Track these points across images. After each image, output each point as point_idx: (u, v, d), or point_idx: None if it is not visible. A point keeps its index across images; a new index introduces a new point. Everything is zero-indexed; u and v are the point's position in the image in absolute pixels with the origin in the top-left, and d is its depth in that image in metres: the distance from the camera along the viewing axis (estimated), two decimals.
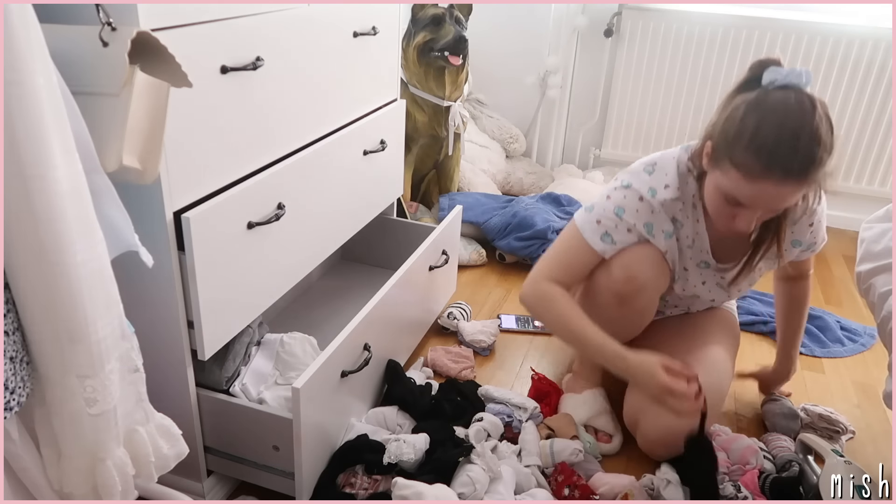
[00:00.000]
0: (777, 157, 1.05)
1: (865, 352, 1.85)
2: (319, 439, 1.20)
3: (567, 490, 1.26)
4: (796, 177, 1.06)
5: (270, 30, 1.13)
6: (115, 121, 0.78)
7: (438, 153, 2.36)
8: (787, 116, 1.06)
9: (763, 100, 1.10)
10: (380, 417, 1.37)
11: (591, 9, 2.68)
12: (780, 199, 1.11)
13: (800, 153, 1.05)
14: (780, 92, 1.09)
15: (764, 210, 1.14)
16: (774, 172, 1.06)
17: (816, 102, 1.07)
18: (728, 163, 1.11)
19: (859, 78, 2.43)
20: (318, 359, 1.16)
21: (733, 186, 1.12)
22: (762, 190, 1.09)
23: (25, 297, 0.73)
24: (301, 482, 1.17)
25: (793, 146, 1.05)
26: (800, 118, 1.06)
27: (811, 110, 1.06)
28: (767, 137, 1.06)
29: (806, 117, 1.06)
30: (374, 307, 1.34)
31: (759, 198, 1.11)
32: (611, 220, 1.30)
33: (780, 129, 1.06)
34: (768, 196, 1.10)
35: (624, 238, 1.31)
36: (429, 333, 1.80)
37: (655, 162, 1.30)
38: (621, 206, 1.29)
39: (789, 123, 1.06)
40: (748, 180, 1.09)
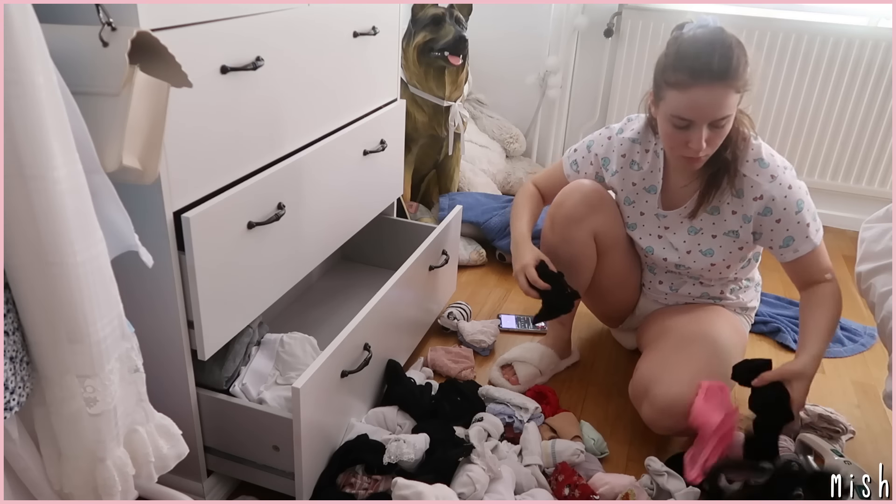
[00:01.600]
0: (699, 63, 1.21)
1: (865, 352, 1.85)
2: (319, 439, 1.20)
3: (567, 490, 1.26)
4: (720, 77, 1.20)
5: (270, 30, 1.13)
6: (115, 121, 0.78)
7: (438, 153, 2.36)
8: (700, 35, 1.25)
9: (679, 35, 1.28)
10: (380, 417, 1.37)
11: (591, 9, 2.68)
12: (716, 103, 1.22)
13: (716, 55, 1.20)
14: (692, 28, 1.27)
15: (706, 120, 1.23)
16: (702, 76, 1.20)
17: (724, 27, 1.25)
18: (664, 89, 1.26)
19: (859, 78, 2.43)
20: (318, 359, 1.16)
21: (674, 105, 1.25)
22: (697, 97, 1.22)
23: (25, 297, 0.73)
24: (301, 482, 1.17)
25: (710, 52, 1.21)
26: (711, 34, 1.24)
27: (720, 30, 1.24)
28: (688, 52, 1.23)
29: (716, 33, 1.24)
30: (374, 307, 1.34)
31: (697, 106, 1.23)
32: (582, 149, 1.56)
33: (696, 44, 1.24)
34: (705, 102, 1.22)
35: (586, 169, 1.55)
36: (429, 333, 1.80)
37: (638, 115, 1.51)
38: (592, 140, 1.55)
39: (703, 38, 1.24)
40: (683, 92, 1.23)
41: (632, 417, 1.50)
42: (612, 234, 1.51)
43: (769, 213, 1.35)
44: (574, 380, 1.65)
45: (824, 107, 2.51)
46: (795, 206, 1.34)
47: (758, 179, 1.34)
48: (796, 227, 1.35)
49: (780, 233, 1.36)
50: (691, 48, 1.23)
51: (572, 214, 1.48)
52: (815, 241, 1.37)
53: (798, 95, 2.52)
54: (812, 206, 1.37)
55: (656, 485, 1.29)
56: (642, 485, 1.29)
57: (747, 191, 1.35)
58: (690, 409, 1.30)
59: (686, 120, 1.25)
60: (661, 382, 1.36)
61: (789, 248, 1.38)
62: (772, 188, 1.33)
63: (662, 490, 1.27)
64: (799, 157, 2.61)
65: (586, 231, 1.49)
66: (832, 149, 2.56)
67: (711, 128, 1.25)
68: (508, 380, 1.60)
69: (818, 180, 2.63)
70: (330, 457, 1.25)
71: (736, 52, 1.21)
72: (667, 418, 1.35)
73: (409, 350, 1.65)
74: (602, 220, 1.49)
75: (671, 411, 1.33)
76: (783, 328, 1.89)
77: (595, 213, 1.48)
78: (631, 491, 1.27)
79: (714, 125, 1.25)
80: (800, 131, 2.57)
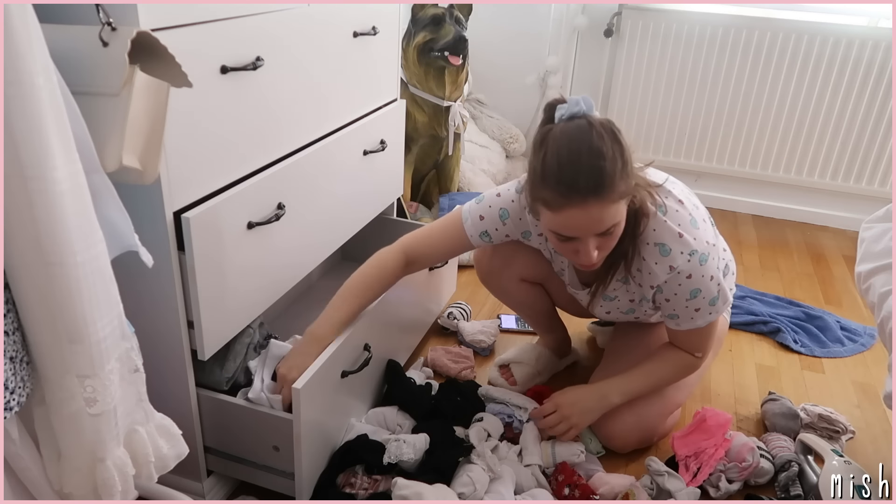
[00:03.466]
0: (566, 181, 1.07)
1: (865, 352, 1.85)
2: (319, 439, 1.20)
3: (567, 490, 1.26)
4: (592, 193, 1.07)
5: (270, 30, 1.13)
6: (115, 121, 0.78)
7: (438, 153, 2.36)
8: (565, 143, 1.09)
9: (546, 136, 1.12)
10: (380, 417, 1.37)
11: (591, 9, 2.68)
12: (593, 219, 1.10)
13: (583, 171, 1.07)
14: (562, 124, 1.11)
15: (589, 234, 1.12)
16: (571, 197, 1.08)
17: (594, 121, 1.09)
18: (538, 205, 1.14)
19: (859, 78, 2.43)
20: (318, 359, 1.16)
21: (551, 223, 1.13)
22: (572, 217, 1.10)
23: (25, 297, 0.73)
24: (301, 482, 1.17)
25: (575, 167, 1.07)
26: (577, 140, 1.08)
27: (588, 130, 1.08)
28: (553, 167, 1.08)
29: (583, 137, 1.08)
30: (375, 307, 1.34)
31: (574, 225, 1.11)
32: (493, 220, 1.35)
33: (560, 156, 1.08)
34: (581, 220, 1.10)
35: (502, 238, 1.39)
36: (429, 333, 1.80)
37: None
38: (506, 209, 1.34)
39: (569, 147, 1.08)
40: (556, 213, 1.11)
41: None
42: (540, 270, 1.49)
43: (661, 293, 1.27)
44: (574, 379, 1.64)
45: (824, 107, 2.51)
46: (688, 294, 1.23)
47: (656, 269, 1.22)
48: (684, 310, 1.27)
49: (667, 308, 1.29)
50: (555, 163, 1.08)
51: (491, 270, 1.51)
52: (698, 323, 1.28)
53: (798, 95, 2.52)
54: (712, 291, 1.23)
55: (656, 485, 1.29)
56: (642, 485, 1.29)
57: (645, 277, 1.26)
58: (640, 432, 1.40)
59: (565, 236, 1.14)
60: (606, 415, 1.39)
61: (672, 321, 1.31)
62: (669, 278, 1.22)
63: (662, 490, 1.28)
64: (799, 156, 2.61)
65: (512, 279, 1.50)
66: (832, 149, 2.56)
67: (600, 237, 1.14)
68: (507, 379, 1.61)
69: (818, 180, 2.63)
70: (330, 457, 1.25)
71: (605, 157, 1.06)
72: (616, 443, 1.42)
73: (409, 350, 1.65)
74: (524, 265, 1.47)
75: (617, 437, 1.41)
76: (783, 328, 1.89)
77: (515, 262, 1.47)
78: (631, 491, 1.27)
79: (602, 234, 1.13)
80: (800, 131, 2.57)
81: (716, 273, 1.23)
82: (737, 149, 2.67)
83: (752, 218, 2.74)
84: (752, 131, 2.63)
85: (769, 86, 2.54)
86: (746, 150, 2.66)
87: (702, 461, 1.31)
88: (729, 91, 2.59)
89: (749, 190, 2.75)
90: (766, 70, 2.52)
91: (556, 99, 1.12)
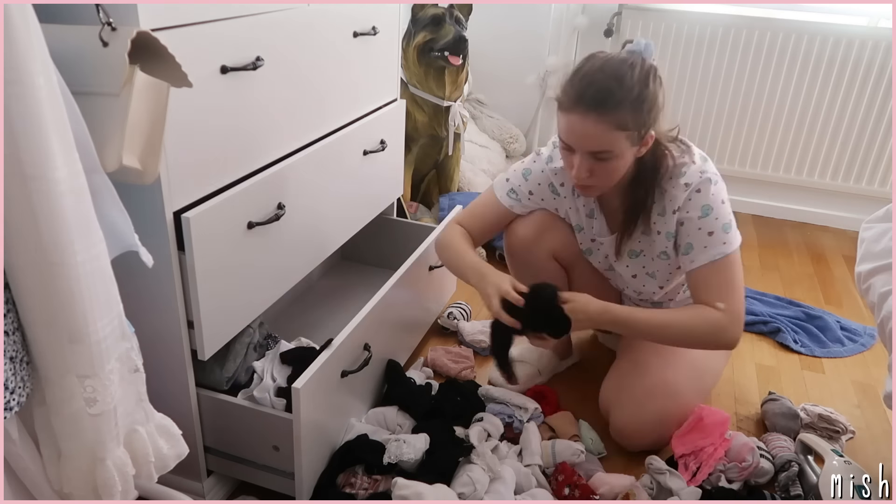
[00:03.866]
0: (578, 88, 1.16)
1: (865, 352, 1.85)
2: (319, 439, 1.20)
3: (567, 490, 1.26)
4: (593, 107, 1.13)
5: (270, 30, 1.13)
6: (115, 121, 0.78)
7: (438, 153, 2.36)
8: (601, 61, 1.18)
9: (595, 55, 1.20)
10: (380, 417, 1.37)
11: (591, 9, 2.68)
12: (588, 133, 1.16)
13: (595, 86, 1.14)
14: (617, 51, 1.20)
15: (583, 148, 1.18)
16: (577, 103, 1.15)
17: (637, 59, 1.17)
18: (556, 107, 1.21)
19: (859, 78, 2.43)
20: (318, 359, 1.16)
21: (559, 125, 1.20)
22: (571, 122, 1.17)
23: (25, 297, 0.73)
24: (301, 482, 1.17)
25: (591, 81, 1.15)
26: (609, 63, 1.17)
27: (626, 61, 1.17)
28: (579, 73, 1.18)
29: (617, 63, 1.16)
30: (374, 307, 1.34)
31: (571, 131, 1.18)
32: (517, 178, 1.44)
33: (589, 68, 1.17)
34: (578, 130, 1.16)
35: (526, 196, 1.44)
36: (429, 333, 1.80)
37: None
38: (529, 169, 1.43)
39: (597, 65, 1.17)
40: (563, 114, 1.18)
41: None
42: (571, 251, 1.49)
43: (682, 224, 1.28)
44: (574, 380, 1.65)
45: (824, 107, 2.51)
46: (700, 210, 1.25)
47: (675, 192, 1.26)
48: (696, 233, 1.26)
49: (683, 237, 1.29)
50: (582, 72, 1.17)
51: (525, 238, 1.46)
52: (712, 253, 1.26)
53: (798, 95, 2.52)
54: (725, 216, 1.25)
55: (657, 484, 1.29)
56: (642, 484, 1.29)
57: (668, 205, 1.28)
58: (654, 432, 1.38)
59: (567, 144, 1.20)
60: (616, 406, 1.40)
61: (687, 257, 1.29)
62: (685, 196, 1.25)
63: (663, 488, 1.28)
64: (799, 156, 2.61)
65: (544, 252, 1.47)
66: (832, 149, 2.56)
67: (594, 159, 1.18)
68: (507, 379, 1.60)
69: (818, 180, 2.63)
70: (330, 457, 1.25)
71: (622, 87, 1.13)
72: (627, 440, 1.41)
73: (409, 350, 1.65)
74: (557, 239, 1.46)
75: (629, 434, 1.40)
76: (783, 328, 1.89)
77: (548, 234, 1.45)
78: (631, 491, 1.27)
79: (596, 157, 1.18)
80: (800, 131, 2.57)
81: (726, 200, 1.26)
82: (737, 149, 2.67)
83: (752, 218, 2.74)
84: (752, 131, 2.63)
85: (769, 86, 2.54)
86: (746, 150, 2.66)
87: (701, 460, 1.31)
88: (729, 91, 2.59)
89: (749, 190, 2.75)
90: (766, 70, 2.52)
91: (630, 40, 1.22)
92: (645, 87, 1.15)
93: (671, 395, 1.38)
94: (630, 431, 1.39)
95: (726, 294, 1.27)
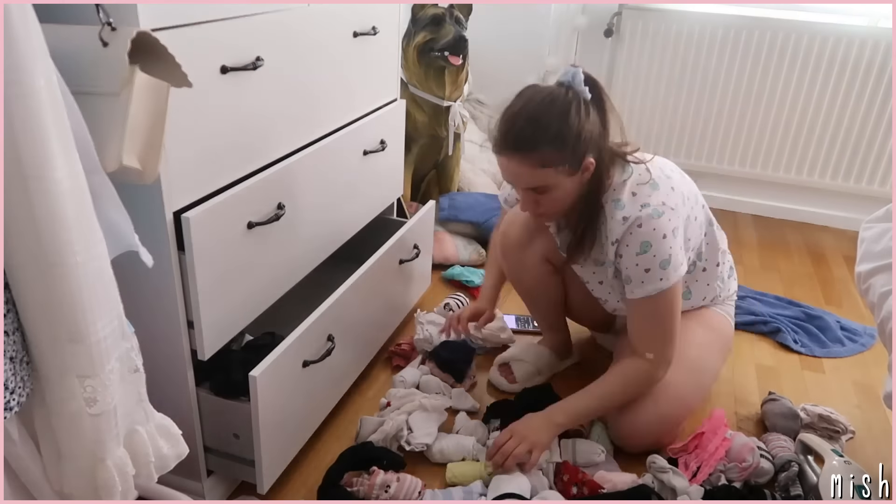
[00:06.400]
0: (500, 132, 1.20)
1: (865, 352, 1.85)
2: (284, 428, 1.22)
3: (575, 489, 1.26)
4: (513, 150, 1.19)
5: (270, 30, 1.13)
6: (115, 121, 0.78)
7: (438, 153, 2.36)
8: (523, 101, 1.20)
9: (523, 92, 1.23)
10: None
11: (591, 9, 2.68)
12: (518, 173, 1.21)
13: (514, 130, 1.18)
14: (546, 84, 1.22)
15: (519, 186, 1.24)
16: (503, 148, 1.20)
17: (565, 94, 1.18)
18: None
19: (859, 78, 2.43)
20: (277, 348, 1.17)
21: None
22: (501, 164, 1.23)
23: (25, 297, 0.73)
24: (261, 470, 1.18)
25: (511, 124, 1.18)
26: (530, 103, 1.19)
27: (548, 98, 1.18)
28: (503, 115, 1.21)
29: (535, 103, 1.18)
30: (338, 298, 1.34)
31: (504, 171, 1.24)
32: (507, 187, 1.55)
33: (509, 112, 1.20)
34: (509, 170, 1.22)
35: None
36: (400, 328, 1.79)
37: None
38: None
39: (518, 107, 1.20)
40: (496, 155, 1.24)
41: None
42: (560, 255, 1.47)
43: (619, 256, 1.28)
44: (574, 380, 1.64)
45: (824, 107, 2.51)
46: (639, 246, 1.24)
47: (612, 223, 1.26)
48: (634, 268, 1.26)
49: (622, 268, 1.28)
50: (507, 115, 1.20)
51: (518, 242, 1.50)
52: (648, 289, 1.26)
53: (798, 95, 2.52)
54: (664, 252, 1.23)
55: (659, 482, 1.29)
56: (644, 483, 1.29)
57: (609, 235, 1.28)
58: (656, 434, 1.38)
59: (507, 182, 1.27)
60: (625, 410, 1.38)
61: (627, 287, 1.30)
62: (623, 230, 1.24)
63: (666, 486, 1.28)
64: (799, 156, 2.62)
65: (536, 255, 1.49)
66: (832, 149, 2.56)
67: (535, 193, 1.23)
68: (506, 378, 1.61)
69: (818, 180, 2.63)
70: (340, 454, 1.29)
71: (541, 128, 1.15)
72: (630, 442, 1.40)
73: (378, 344, 1.65)
74: (548, 242, 1.47)
75: (631, 436, 1.39)
76: (783, 328, 1.89)
77: (538, 237, 1.47)
78: None
79: (535, 191, 1.22)
80: (800, 131, 2.57)
81: (669, 234, 1.24)
82: (737, 149, 2.67)
83: (752, 218, 2.74)
84: (752, 131, 2.63)
85: (769, 86, 2.54)
86: (746, 150, 2.66)
87: (702, 460, 1.31)
88: (729, 91, 2.59)
89: (749, 190, 2.75)
90: (766, 70, 2.52)
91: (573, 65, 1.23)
92: (564, 121, 1.16)
93: (672, 398, 1.37)
94: (631, 433, 1.39)
95: (657, 338, 1.31)
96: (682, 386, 1.39)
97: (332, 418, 1.46)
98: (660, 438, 1.39)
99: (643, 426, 1.37)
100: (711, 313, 1.52)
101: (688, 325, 1.43)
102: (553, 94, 1.19)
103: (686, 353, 1.41)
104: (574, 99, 1.18)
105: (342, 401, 1.49)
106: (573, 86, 1.19)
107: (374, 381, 1.62)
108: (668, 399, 1.37)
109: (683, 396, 1.40)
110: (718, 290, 1.51)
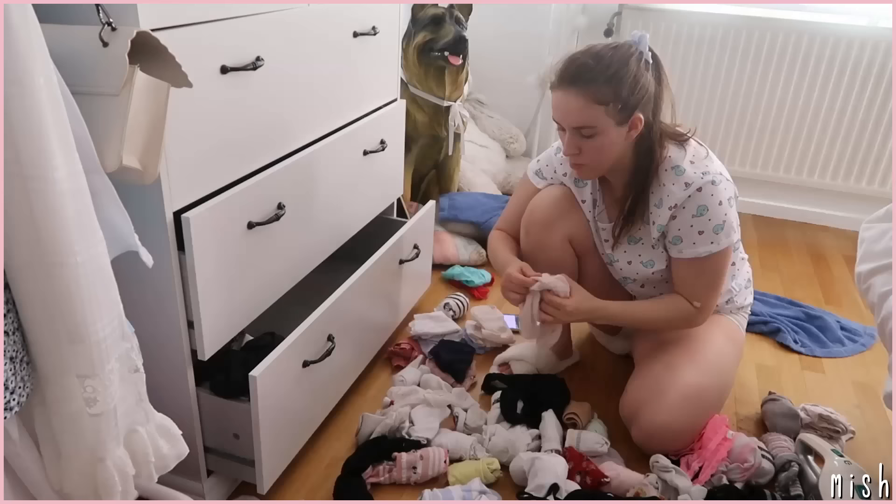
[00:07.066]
0: (561, 68, 1.24)
1: (865, 352, 1.85)
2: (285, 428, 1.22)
3: (579, 477, 1.26)
4: (571, 83, 1.22)
5: (270, 30, 1.13)
6: (115, 121, 0.78)
7: (438, 153, 2.36)
8: (587, 46, 1.26)
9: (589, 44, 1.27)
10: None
11: (591, 9, 2.68)
12: (570, 108, 1.23)
13: (575, 64, 1.23)
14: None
15: (568, 124, 1.25)
16: (560, 81, 1.24)
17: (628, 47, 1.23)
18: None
19: (859, 78, 2.43)
20: (277, 348, 1.17)
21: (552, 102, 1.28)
22: (556, 99, 1.26)
23: (25, 297, 0.73)
24: (261, 470, 1.17)
25: (573, 60, 1.23)
26: (594, 47, 1.25)
27: (612, 45, 1.24)
28: (565, 57, 1.26)
29: (599, 47, 1.24)
30: (339, 298, 1.34)
31: (556, 108, 1.26)
32: (546, 156, 1.51)
33: (574, 52, 1.25)
34: (561, 105, 1.25)
35: (550, 175, 1.50)
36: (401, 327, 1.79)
37: None
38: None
39: (583, 49, 1.25)
40: (552, 91, 1.27)
41: None
42: (585, 239, 1.49)
43: (674, 219, 1.31)
44: (574, 380, 1.64)
45: (824, 107, 2.51)
46: (696, 209, 1.28)
47: (673, 189, 1.29)
48: (688, 230, 1.30)
49: (673, 230, 1.32)
50: (569, 55, 1.25)
51: (544, 220, 1.46)
52: (699, 250, 1.30)
53: (798, 95, 2.52)
54: (719, 217, 1.28)
55: (663, 482, 1.29)
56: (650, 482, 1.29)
57: (665, 200, 1.31)
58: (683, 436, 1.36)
59: (557, 122, 1.28)
60: (648, 408, 1.37)
61: (675, 247, 1.33)
62: (685, 194, 1.28)
63: (669, 486, 1.28)
64: (799, 156, 2.61)
65: (560, 235, 1.46)
66: (832, 149, 2.56)
67: (581, 136, 1.25)
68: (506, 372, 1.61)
69: (818, 180, 2.63)
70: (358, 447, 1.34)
71: (602, 64, 1.21)
72: (655, 443, 1.37)
73: (378, 344, 1.65)
74: (574, 224, 1.46)
75: (660, 437, 1.36)
76: (783, 328, 1.89)
77: (566, 217, 1.46)
78: (640, 489, 1.26)
79: (581, 133, 1.25)
80: (800, 131, 2.57)
81: (725, 201, 1.29)
82: (737, 148, 2.67)
83: (752, 218, 2.74)
84: (752, 131, 2.63)
85: (769, 86, 2.54)
86: (746, 149, 2.66)
87: (704, 459, 1.31)
88: (729, 91, 2.59)
89: (749, 190, 2.75)
90: (766, 70, 2.52)
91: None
92: (624, 66, 1.21)
93: (704, 407, 1.37)
94: (661, 436, 1.35)
95: (703, 290, 1.36)
96: (712, 392, 1.39)
97: (333, 418, 1.46)
98: (685, 443, 1.37)
99: (680, 427, 1.35)
100: (730, 323, 1.52)
101: (715, 333, 1.45)
102: (618, 44, 1.25)
103: (716, 363, 1.41)
104: (636, 54, 1.23)
105: (342, 401, 1.49)
106: (639, 46, 1.24)
107: (375, 380, 1.62)
108: (702, 407, 1.36)
109: (713, 405, 1.39)
110: (734, 294, 1.51)
